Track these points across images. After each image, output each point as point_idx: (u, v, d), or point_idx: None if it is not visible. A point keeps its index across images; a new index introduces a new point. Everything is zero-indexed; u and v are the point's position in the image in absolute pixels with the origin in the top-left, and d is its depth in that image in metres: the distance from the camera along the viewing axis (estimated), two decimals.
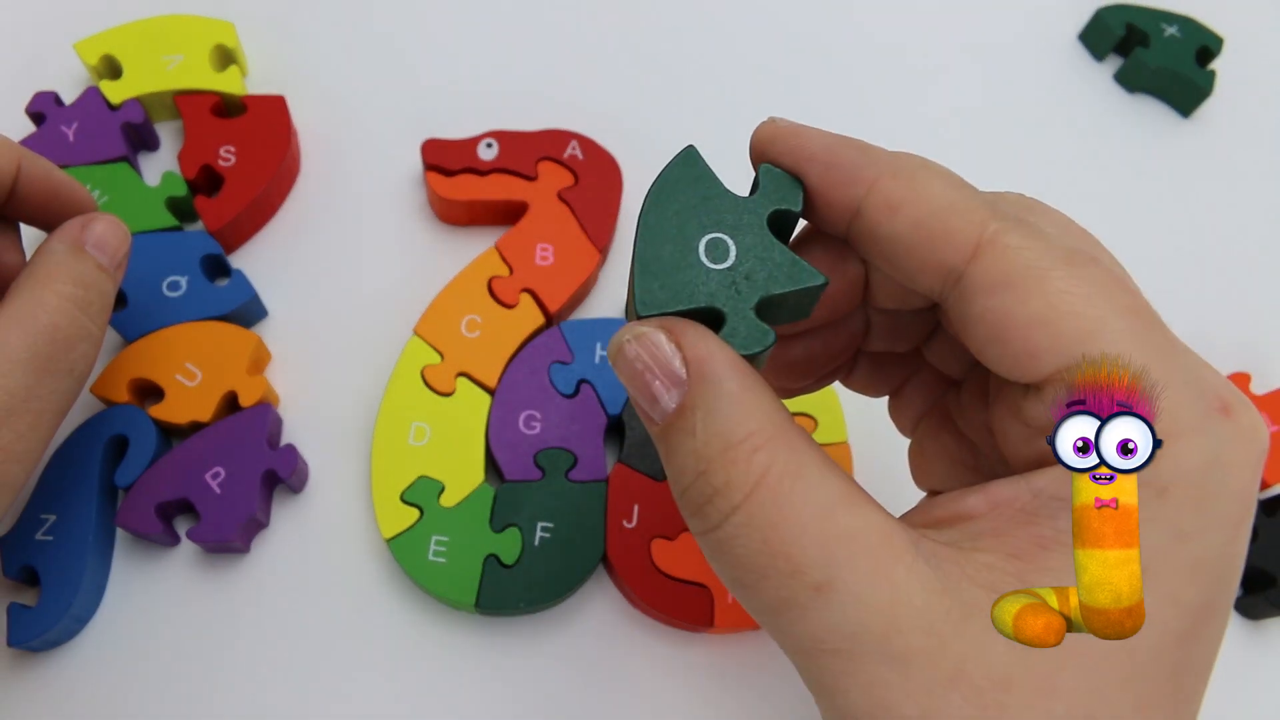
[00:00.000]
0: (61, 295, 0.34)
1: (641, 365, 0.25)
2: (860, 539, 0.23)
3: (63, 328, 0.34)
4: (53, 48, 0.50)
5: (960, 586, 0.23)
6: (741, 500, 0.23)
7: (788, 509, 0.23)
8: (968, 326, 0.25)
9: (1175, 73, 0.56)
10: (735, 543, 0.24)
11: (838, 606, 0.23)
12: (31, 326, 0.33)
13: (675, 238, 0.26)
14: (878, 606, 0.23)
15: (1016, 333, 0.24)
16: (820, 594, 0.23)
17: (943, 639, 0.23)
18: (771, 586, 0.23)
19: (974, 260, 0.24)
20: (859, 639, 0.23)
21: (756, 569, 0.23)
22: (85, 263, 0.36)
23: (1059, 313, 0.23)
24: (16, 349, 0.33)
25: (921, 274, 0.25)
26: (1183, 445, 0.23)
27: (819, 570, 0.23)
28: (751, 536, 0.23)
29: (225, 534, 0.40)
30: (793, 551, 0.23)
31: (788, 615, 0.23)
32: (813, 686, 0.24)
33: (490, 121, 0.49)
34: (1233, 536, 0.24)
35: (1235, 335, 0.51)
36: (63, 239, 0.36)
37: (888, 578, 0.23)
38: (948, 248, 0.24)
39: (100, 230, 0.37)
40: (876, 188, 0.25)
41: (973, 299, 0.24)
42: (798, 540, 0.23)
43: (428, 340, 0.44)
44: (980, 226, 0.24)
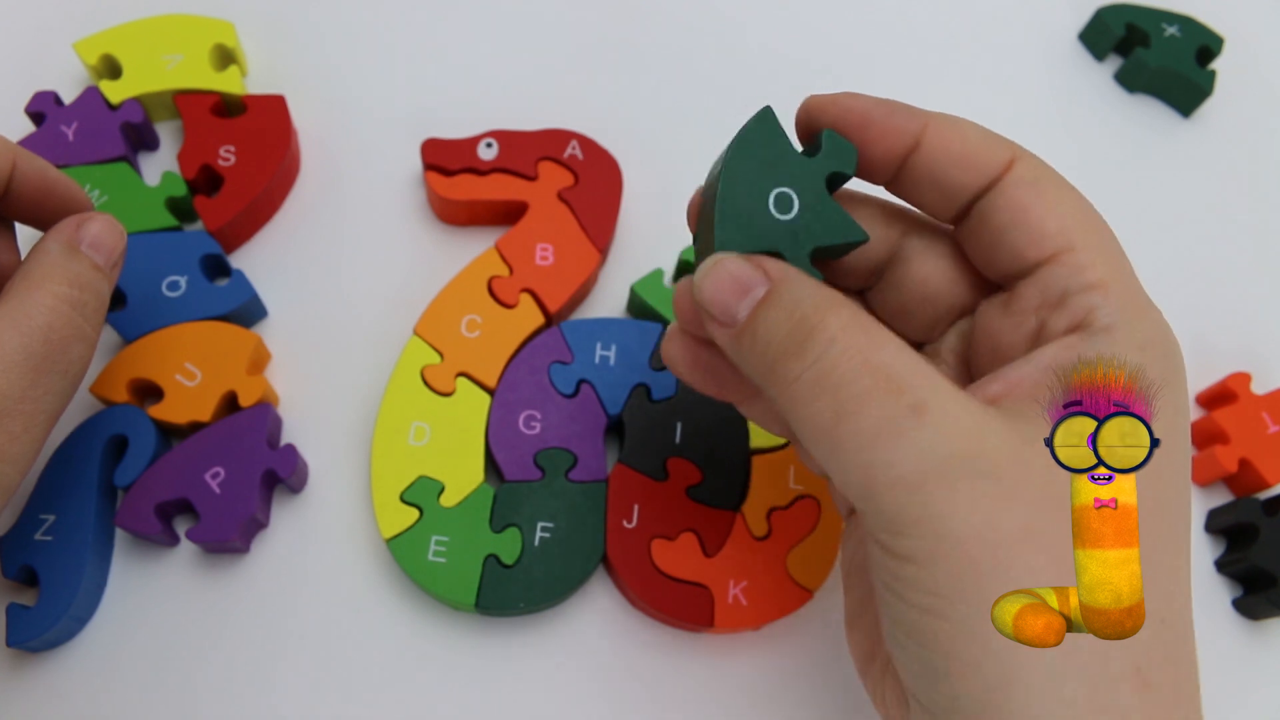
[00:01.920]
0: (56, 295, 0.34)
1: (729, 277, 0.29)
2: (928, 369, 0.27)
3: (58, 328, 0.34)
4: (52, 47, 0.50)
5: (1020, 424, 0.26)
6: (838, 332, 0.27)
7: (880, 340, 0.27)
8: (991, 217, 0.30)
9: (1175, 73, 0.56)
10: (838, 369, 0.26)
11: (932, 428, 0.25)
12: (26, 327, 0.33)
13: (750, 190, 0.31)
14: (968, 429, 0.26)
15: (1034, 214, 0.30)
16: (917, 415, 0.25)
17: (1024, 458, 0.26)
18: (875, 407, 0.26)
19: (1009, 169, 0.30)
20: (952, 461, 0.25)
21: (860, 391, 0.26)
22: (80, 263, 0.36)
23: (1066, 208, 0.30)
24: (11, 350, 0.33)
25: (965, 186, 0.31)
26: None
27: (916, 392, 0.26)
28: (853, 358, 0.26)
29: (225, 534, 0.40)
30: (893, 371, 0.26)
31: (889, 440, 0.26)
32: (907, 523, 0.26)
33: (490, 121, 0.49)
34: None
35: (1235, 336, 0.51)
36: (58, 238, 0.36)
37: (970, 407, 0.26)
38: (990, 162, 0.30)
39: (96, 230, 0.37)
40: (930, 129, 0.31)
41: (1003, 192, 0.30)
42: (895, 362, 0.26)
43: (428, 340, 0.44)
44: (1010, 149, 0.30)
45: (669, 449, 0.43)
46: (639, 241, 0.49)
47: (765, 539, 0.41)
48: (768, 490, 0.42)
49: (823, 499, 0.42)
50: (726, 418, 0.44)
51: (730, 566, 0.41)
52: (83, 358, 0.35)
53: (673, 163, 0.48)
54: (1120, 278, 0.29)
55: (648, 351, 0.44)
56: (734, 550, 0.41)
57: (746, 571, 0.41)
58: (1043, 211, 0.30)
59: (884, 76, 0.55)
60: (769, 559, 0.41)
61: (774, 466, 0.43)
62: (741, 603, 0.40)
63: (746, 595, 0.41)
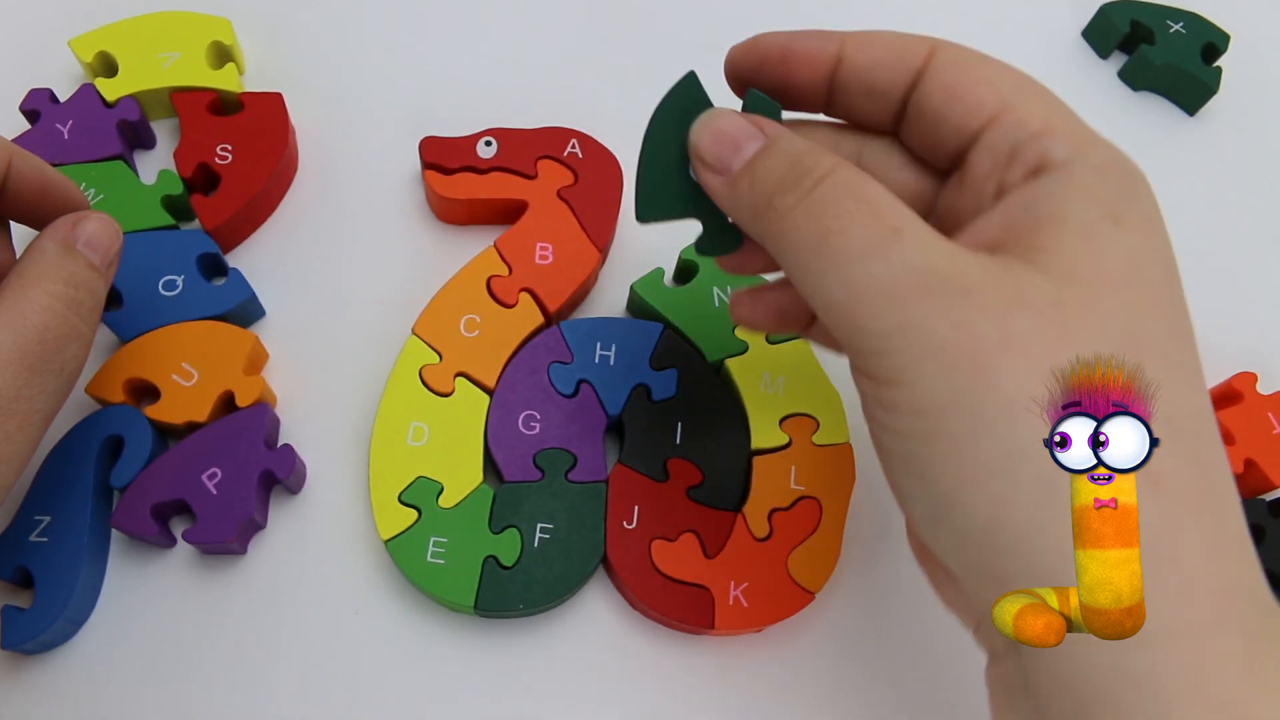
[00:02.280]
0: (52, 294, 0.34)
1: (725, 133, 0.32)
2: (904, 206, 0.29)
3: (53, 328, 0.34)
4: (47, 44, 0.50)
5: (991, 258, 0.28)
6: (831, 169, 0.29)
7: (867, 178, 0.29)
8: (925, 105, 0.32)
9: (1180, 70, 0.56)
10: (827, 197, 0.29)
11: (911, 245, 0.28)
12: (21, 326, 0.33)
13: (669, 158, 0.33)
14: (945, 252, 0.28)
15: (963, 88, 0.31)
16: (898, 235, 0.28)
17: (996, 276, 0.28)
18: (859, 227, 0.28)
19: (930, 58, 0.32)
20: (931, 276, 0.27)
21: (846, 212, 0.29)
22: (76, 262, 0.35)
23: (994, 74, 0.32)
24: (6, 349, 0.33)
25: (893, 85, 0.33)
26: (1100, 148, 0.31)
27: (896, 217, 0.28)
28: (841, 189, 0.29)
29: (222, 535, 0.39)
30: (878, 200, 0.29)
31: (873, 255, 0.28)
32: (891, 329, 0.28)
33: (489, 119, 0.49)
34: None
35: (1241, 336, 0.51)
36: (53, 237, 0.36)
37: (946, 241, 0.28)
38: (910, 56, 0.33)
39: (91, 229, 0.36)
40: (847, 45, 0.34)
41: (930, 78, 0.32)
42: (880, 195, 0.29)
43: (426, 340, 0.43)
44: (928, 42, 0.33)
45: (669, 449, 0.42)
46: (639, 241, 0.49)
47: (766, 540, 0.41)
48: (769, 491, 0.42)
49: (824, 499, 0.42)
50: (727, 418, 0.43)
51: (731, 568, 0.41)
52: (78, 357, 0.35)
53: None
54: (1064, 119, 0.31)
55: (648, 351, 0.44)
56: (735, 551, 0.41)
57: (747, 573, 0.41)
58: (971, 83, 0.31)
59: None
60: (770, 560, 0.41)
61: (775, 467, 0.43)
62: (742, 604, 0.40)
63: (747, 597, 0.40)
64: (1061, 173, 0.30)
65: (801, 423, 0.43)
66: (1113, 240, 0.29)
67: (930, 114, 0.32)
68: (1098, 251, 0.28)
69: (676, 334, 0.45)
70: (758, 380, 0.44)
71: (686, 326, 0.45)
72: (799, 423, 0.43)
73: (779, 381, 0.44)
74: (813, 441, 0.43)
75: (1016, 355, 0.27)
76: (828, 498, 0.42)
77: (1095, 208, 0.29)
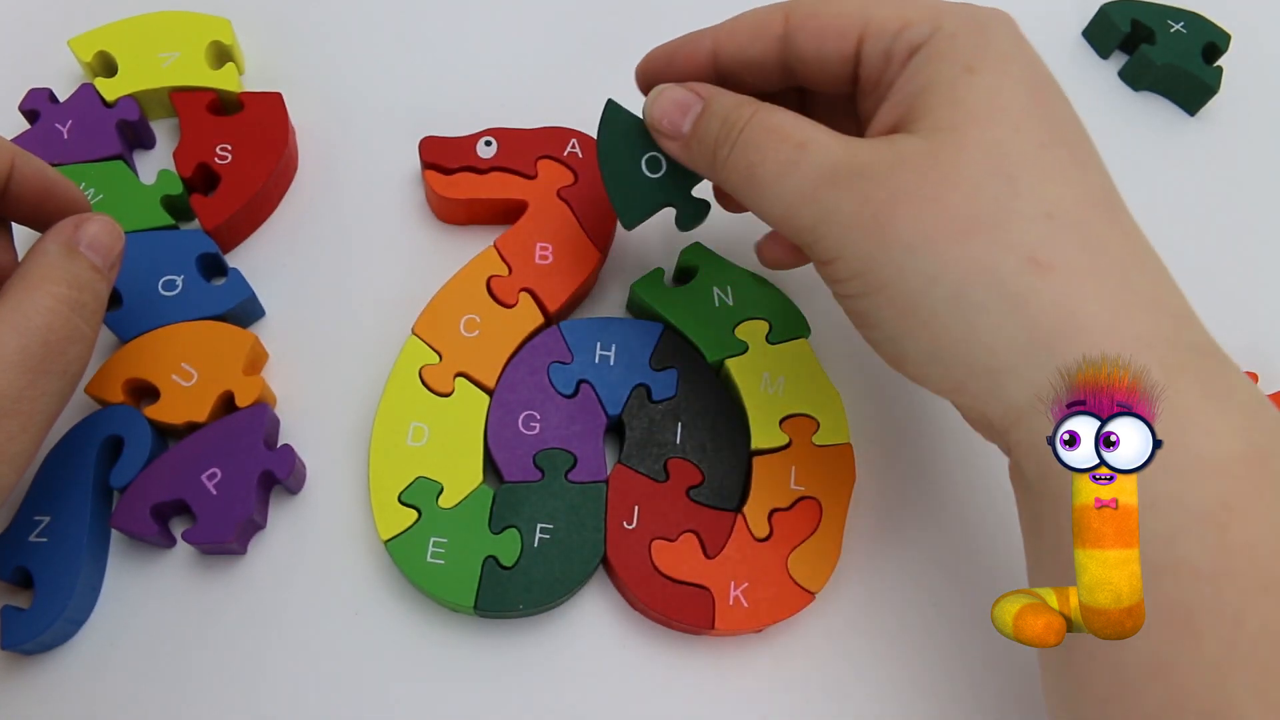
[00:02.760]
0: (55, 296, 0.34)
1: (672, 102, 0.38)
2: (811, 124, 0.35)
3: (56, 329, 0.34)
4: (47, 44, 0.50)
5: (886, 145, 0.34)
6: (750, 115, 0.36)
7: (776, 111, 0.36)
8: (803, 55, 0.37)
9: (1181, 70, 0.56)
10: (749, 137, 0.35)
11: (815, 152, 0.34)
12: (24, 327, 0.33)
13: (625, 169, 0.40)
14: (841, 146, 0.34)
15: (827, 25, 0.37)
16: (804, 148, 0.34)
17: (883, 151, 0.33)
18: (772, 152, 0.35)
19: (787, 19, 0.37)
20: (836, 171, 0.33)
21: (764, 145, 0.35)
22: (79, 263, 0.36)
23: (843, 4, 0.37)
24: (9, 350, 0.33)
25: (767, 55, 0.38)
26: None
27: (800, 134, 0.35)
28: (757, 128, 0.35)
29: (222, 535, 0.39)
30: (783, 126, 0.35)
31: (788, 171, 0.34)
32: (814, 221, 0.34)
33: (489, 119, 0.49)
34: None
35: (1242, 335, 0.51)
36: (56, 239, 0.36)
37: (844, 139, 0.34)
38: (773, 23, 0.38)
39: (94, 230, 0.36)
40: (718, 35, 0.39)
41: (795, 32, 0.37)
42: (784, 121, 0.35)
43: (426, 340, 0.43)
44: (784, 6, 0.38)
45: (669, 449, 0.42)
46: (639, 241, 0.49)
47: (766, 540, 0.41)
48: (769, 491, 0.42)
49: (824, 500, 0.42)
50: (727, 418, 0.43)
51: (731, 568, 0.41)
52: (80, 358, 0.35)
53: None
54: (916, 7, 0.35)
55: (648, 351, 0.44)
56: (735, 551, 0.41)
57: (747, 573, 0.41)
58: (829, 18, 0.37)
59: None
60: (770, 560, 0.41)
61: (775, 467, 0.43)
62: (742, 604, 0.40)
63: (747, 597, 0.40)
64: (923, 49, 0.34)
65: (802, 423, 0.43)
66: (968, 87, 0.33)
67: (814, 61, 0.38)
68: (957, 101, 0.33)
69: (676, 334, 0.45)
70: (758, 380, 0.44)
71: (686, 326, 0.44)
72: (799, 423, 0.43)
73: (779, 382, 0.44)
74: (813, 442, 0.43)
75: (905, 205, 0.32)
76: (828, 498, 0.42)
77: (951, 65, 0.34)
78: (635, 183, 0.40)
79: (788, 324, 0.45)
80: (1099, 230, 0.32)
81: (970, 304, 0.31)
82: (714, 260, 0.46)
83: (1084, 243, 0.31)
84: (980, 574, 0.43)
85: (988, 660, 0.42)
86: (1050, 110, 0.34)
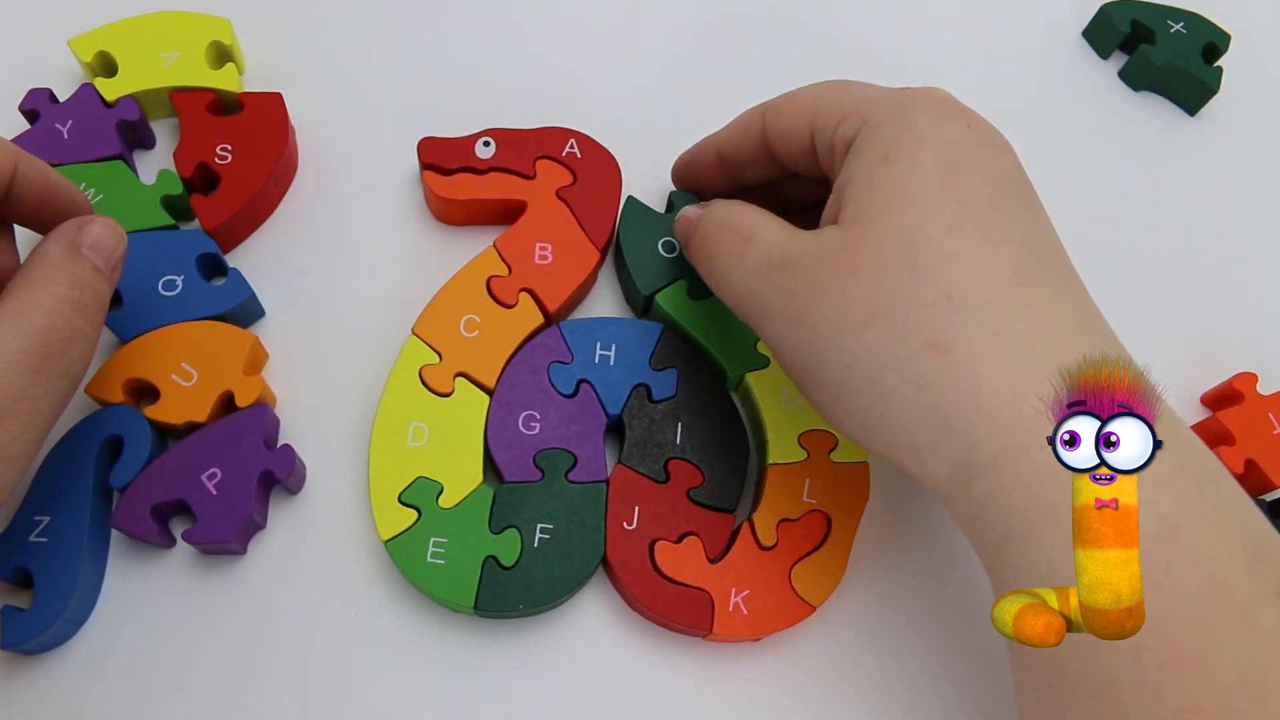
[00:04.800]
0: (58, 297, 0.34)
1: (683, 217, 0.43)
2: (766, 217, 0.39)
3: (58, 329, 0.34)
4: (47, 44, 0.50)
5: (822, 236, 0.36)
6: (714, 212, 0.40)
7: (736, 207, 0.40)
8: (778, 152, 0.41)
9: (1181, 70, 0.56)
10: (707, 226, 0.40)
11: (758, 245, 0.37)
12: (27, 328, 0.33)
13: (644, 248, 0.46)
14: (781, 240, 0.37)
15: (787, 124, 0.40)
16: (750, 241, 0.38)
17: (812, 244, 0.36)
18: (725, 244, 0.39)
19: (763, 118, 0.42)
20: (769, 262, 0.37)
21: (720, 238, 0.39)
22: (81, 265, 0.36)
23: (802, 97, 0.40)
24: (11, 350, 0.33)
25: (755, 156, 0.43)
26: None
27: (749, 227, 0.38)
28: (714, 221, 0.40)
29: (222, 535, 0.39)
30: (737, 221, 0.39)
31: (734, 263, 0.38)
32: (757, 312, 0.37)
33: (488, 119, 0.49)
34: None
35: (1242, 335, 0.51)
36: (59, 240, 0.36)
37: (787, 231, 0.37)
38: (754, 126, 0.42)
39: (97, 232, 0.37)
40: (720, 144, 0.44)
41: (768, 131, 0.41)
42: (739, 215, 0.39)
43: (426, 340, 0.43)
44: (761, 108, 0.42)
45: (669, 450, 0.42)
46: None
47: (772, 549, 0.41)
48: (780, 501, 0.42)
49: (835, 515, 0.42)
50: (726, 418, 0.43)
51: (734, 574, 0.41)
52: (83, 359, 0.36)
53: (672, 160, 0.47)
54: (854, 101, 0.38)
55: (648, 351, 0.44)
56: (739, 558, 0.41)
57: (750, 580, 0.41)
58: (789, 117, 0.40)
59: (885, 74, 0.55)
60: (774, 570, 0.41)
61: (789, 478, 0.43)
62: (742, 611, 0.40)
63: (748, 604, 0.40)
64: (855, 142, 0.37)
65: (820, 438, 0.43)
66: (883, 176, 0.35)
67: (785, 156, 0.41)
68: (873, 190, 0.35)
69: (677, 334, 0.45)
70: (778, 396, 0.44)
71: (708, 340, 0.45)
72: (818, 437, 0.43)
73: (799, 398, 0.44)
74: (830, 458, 0.43)
75: (821, 297, 0.34)
76: (839, 514, 0.42)
77: (869, 157, 0.35)
78: (652, 260, 0.46)
79: None
80: (1000, 307, 0.32)
81: (882, 389, 0.33)
82: None
83: (983, 322, 0.32)
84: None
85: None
86: (962, 191, 0.34)
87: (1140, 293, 0.51)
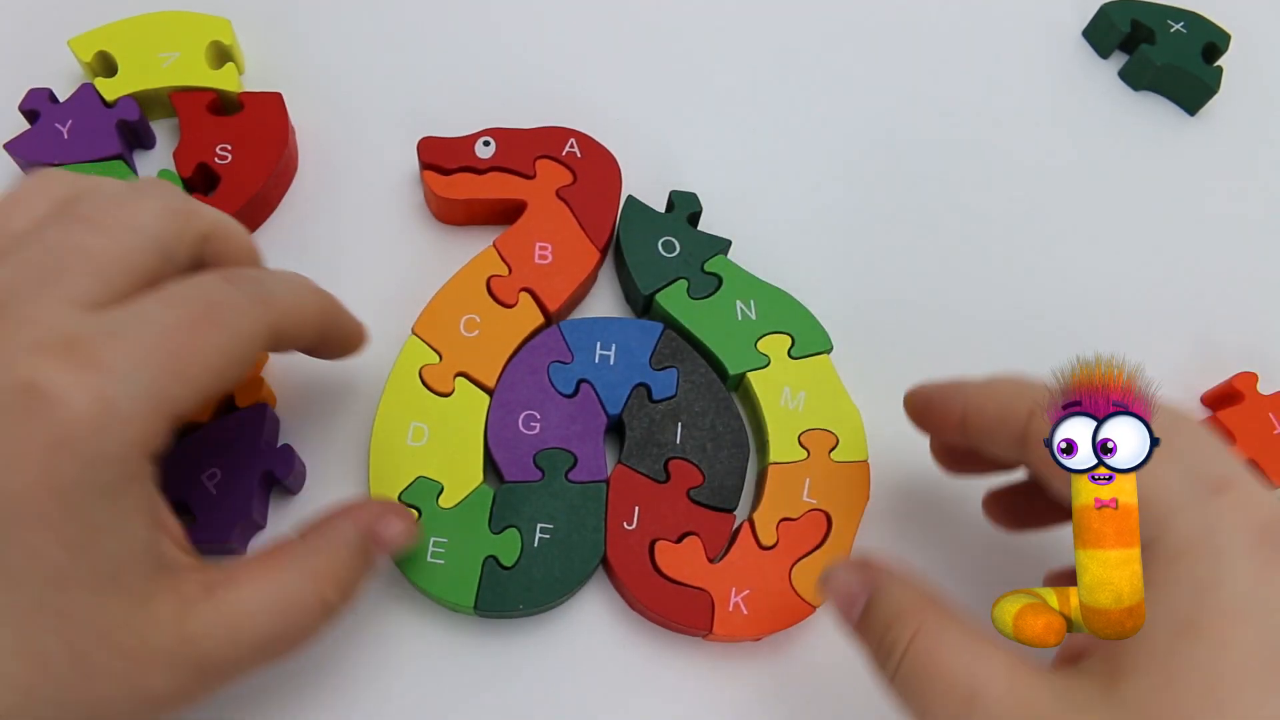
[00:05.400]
0: (327, 605, 0.33)
1: (842, 587, 0.35)
2: (992, 663, 0.30)
3: (302, 629, 0.33)
4: (46, 44, 0.49)
5: (1069, 692, 0.29)
6: (910, 639, 0.32)
7: (943, 644, 0.31)
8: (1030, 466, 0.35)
9: (1181, 70, 0.56)
10: (913, 667, 0.31)
11: (982, 709, 0.29)
12: (281, 621, 0.32)
13: (644, 247, 0.46)
14: (1010, 702, 0.29)
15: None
16: (969, 706, 0.30)
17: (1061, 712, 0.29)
18: (939, 703, 0.31)
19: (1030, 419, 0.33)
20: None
21: (928, 692, 0.31)
22: (369, 560, 0.35)
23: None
24: (259, 634, 0.32)
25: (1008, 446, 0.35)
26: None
27: (967, 680, 0.30)
28: (920, 663, 0.31)
29: (222, 535, 0.39)
30: (949, 671, 0.31)
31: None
32: None
33: (487, 119, 0.49)
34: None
35: (1242, 336, 0.51)
36: (358, 527, 0.35)
37: (1017, 687, 0.30)
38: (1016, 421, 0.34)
39: (396, 532, 0.36)
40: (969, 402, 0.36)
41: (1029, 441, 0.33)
42: (952, 658, 0.31)
43: (426, 340, 0.43)
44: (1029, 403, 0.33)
45: (669, 450, 0.42)
46: None
47: (772, 549, 0.41)
48: (781, 501, 0.42)
49: (835, 515, 0.42)
50: (727, 418, 0.43)
51: (734, 574, 0.41)
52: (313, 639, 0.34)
53: (672, 160, 0.48)
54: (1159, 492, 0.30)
55: (648, 351, 0.44)
56: (739, 558, 0.41)
57: (750, 580, 0.41)
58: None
59: (886, 74, 0.55)
60: (774, 570, 0.41)
61: (790, 478, 0.43)
62: (742, 611, 0.40)
63: (748, 604, 0.40)
64: (1148, 576, 0.28)
65: (821, 437, 0.43)
66: (1186, 657, 0.28)
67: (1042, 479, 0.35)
68: (1170, 674, 0.28)
69: (677, 333, 0.45)
70: (778, 395, 0.44)
71: (709, 339, 0.45)
72: (818, 437, 0.43)
73: (800, 397, 0.44)
74: (831, 457, 0.43)
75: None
76: (839, 513, 0.42)
77: (1169, 617, 0.28)
78: (652, 260, 0.46)
79: (810, 339, 0.45)
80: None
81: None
82: (737, 273, 0.46)
83: None
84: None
85: None
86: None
87: (1140, 293, 0.51)
